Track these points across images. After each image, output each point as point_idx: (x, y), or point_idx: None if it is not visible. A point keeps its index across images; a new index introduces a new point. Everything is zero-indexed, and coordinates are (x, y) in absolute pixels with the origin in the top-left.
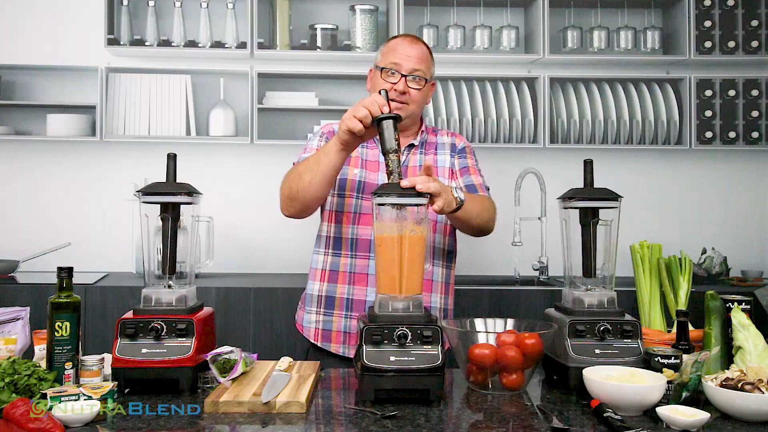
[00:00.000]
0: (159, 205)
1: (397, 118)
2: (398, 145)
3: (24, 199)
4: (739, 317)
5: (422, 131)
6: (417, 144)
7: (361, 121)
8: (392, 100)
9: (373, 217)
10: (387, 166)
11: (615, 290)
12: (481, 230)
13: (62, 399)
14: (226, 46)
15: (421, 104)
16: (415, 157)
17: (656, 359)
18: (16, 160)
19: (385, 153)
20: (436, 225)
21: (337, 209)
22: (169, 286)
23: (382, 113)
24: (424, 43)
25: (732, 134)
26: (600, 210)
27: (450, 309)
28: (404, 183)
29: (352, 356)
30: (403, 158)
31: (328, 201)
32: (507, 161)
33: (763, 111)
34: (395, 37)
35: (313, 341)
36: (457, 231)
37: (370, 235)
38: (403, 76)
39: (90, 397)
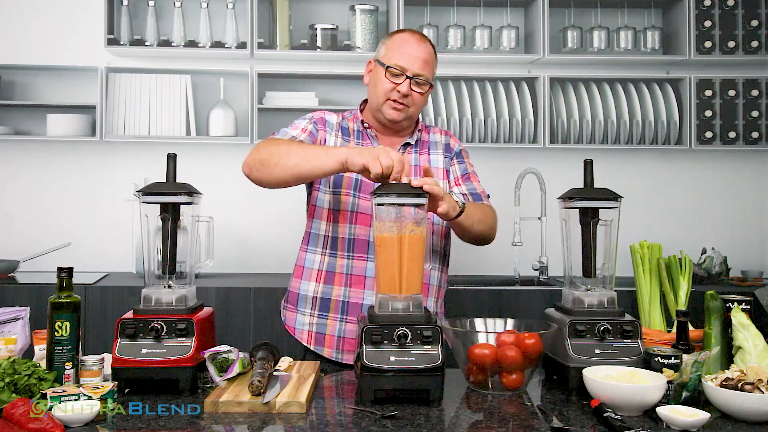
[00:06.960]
0: (159, 205)
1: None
2: None
3: (24, 199)
4: (739, 317)
5: (418, 130)
6: (412, 143)
7: (381, 171)
8: (393, 101)
9: (372, 216)
10: None
11: (615, 290)
12: (483, 238)
13: (62, 399)
14: (226, 46)
15: (420, 107)
16: (410, 156)
17: (656, 359)
18: (16, 160)
19: None
20: (433, 227)
21: (333, 207)
22: (169, 286)
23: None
24: (430, 42)
25: (732, 134)
26: (600, 210)
27: (440, 312)
28: (415, 182)
29: (345, 361)
30: None
31: (323, 198)
32: (507, 161)
33: (763, 111)
34: (402, 31)
35: (305, 344)
36: (452, 234)
37: (368, 236)
38: (408, 78)
39: (90, 397)
